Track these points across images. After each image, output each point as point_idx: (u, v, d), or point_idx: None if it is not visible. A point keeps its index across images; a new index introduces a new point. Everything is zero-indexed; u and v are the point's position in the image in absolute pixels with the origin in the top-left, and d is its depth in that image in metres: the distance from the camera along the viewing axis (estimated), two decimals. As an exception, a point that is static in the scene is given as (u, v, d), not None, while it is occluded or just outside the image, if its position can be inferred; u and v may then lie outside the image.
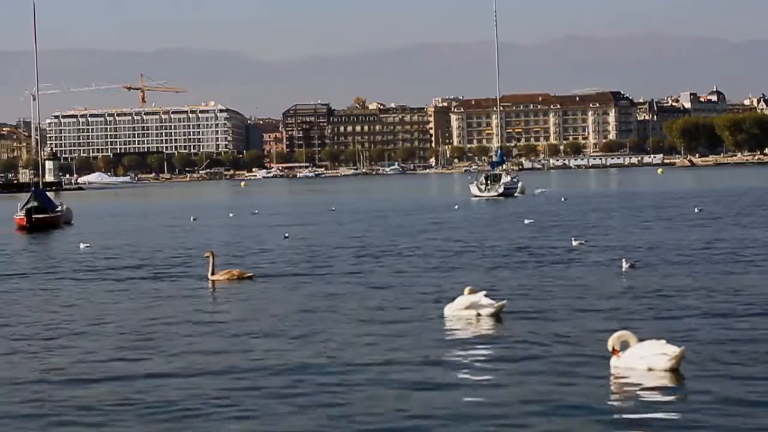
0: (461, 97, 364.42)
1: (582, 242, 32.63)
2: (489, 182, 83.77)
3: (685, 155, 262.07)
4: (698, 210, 49.84)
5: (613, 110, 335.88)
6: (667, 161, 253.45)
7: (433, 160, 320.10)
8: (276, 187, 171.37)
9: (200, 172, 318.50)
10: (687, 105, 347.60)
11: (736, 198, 63.93)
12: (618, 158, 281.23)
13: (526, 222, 45.36)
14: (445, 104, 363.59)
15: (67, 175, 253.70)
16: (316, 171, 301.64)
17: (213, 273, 25.44)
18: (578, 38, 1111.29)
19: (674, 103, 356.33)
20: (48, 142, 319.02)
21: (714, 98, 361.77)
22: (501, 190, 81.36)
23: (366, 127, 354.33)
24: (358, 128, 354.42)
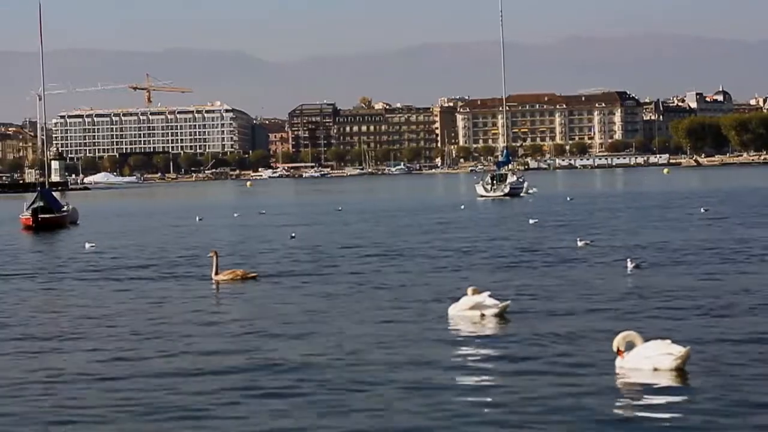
0: (467, 97, 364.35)
1: (587, 242, 32.57)
2: (495, 182, 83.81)
3: (691, 155, 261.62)
4: (704, 210, 49.76)
5: (619, 110, 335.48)
6: (673, 161, 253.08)
7: (438, 160, 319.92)
8: (282, 187, 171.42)
9: (206, 172, 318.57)
10: (693, 105, 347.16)
11: (742, 198, 63.81)
12: (624, 158, 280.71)
13: (531, 222, 45.31)
14: (451, 104, 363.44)
15: (73, 175, 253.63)
16: (321, 171, 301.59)
17: (216, 273, 25.40)
18: (584, 38, 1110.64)
19: (680, 103, 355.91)
20: (54, 142, 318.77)
21: (720, 98, 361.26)
22: (507, 190, 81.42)
23: (372, 127, 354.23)
24: (363, 128, 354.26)
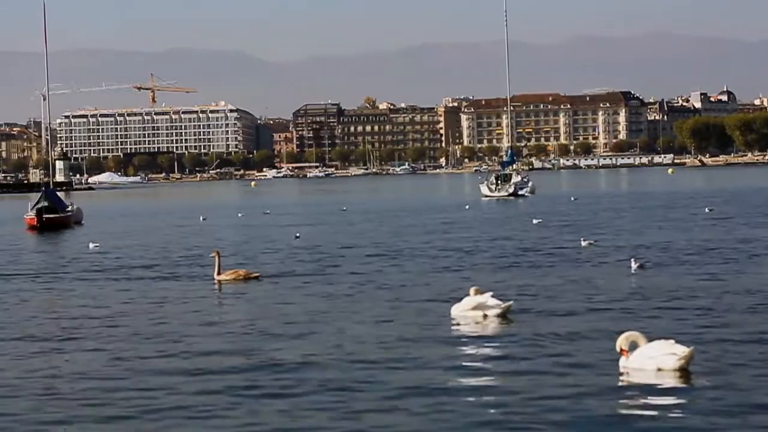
0: (471, 97, 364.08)
1: (591, 242, 32.52)
2: (499, 182, 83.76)
3: (695, 155, 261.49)
4: (709, 210, 49.69)
5: (624, 110, 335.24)
6: (678, 161, 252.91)
7: (443, 160, 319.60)
8: (286, 187, 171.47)
9: (210, 172, 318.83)
10: (697, 105, 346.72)
11: (746, 198, 63.71)
12: (628, 158, 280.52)
13: (534, 222, 45.26)
14: (455, 104, 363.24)
15: (78, 175, 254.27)
16: (326, 171, 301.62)
17: (219, 273, 25.38)
18: (588, 38, 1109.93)
19: (684, 103, 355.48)
20: (58, 142, 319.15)
21: (724, 98, 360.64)
22: (511, 189, 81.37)
23: (376, 127, 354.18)
24: (368, 128, 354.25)
